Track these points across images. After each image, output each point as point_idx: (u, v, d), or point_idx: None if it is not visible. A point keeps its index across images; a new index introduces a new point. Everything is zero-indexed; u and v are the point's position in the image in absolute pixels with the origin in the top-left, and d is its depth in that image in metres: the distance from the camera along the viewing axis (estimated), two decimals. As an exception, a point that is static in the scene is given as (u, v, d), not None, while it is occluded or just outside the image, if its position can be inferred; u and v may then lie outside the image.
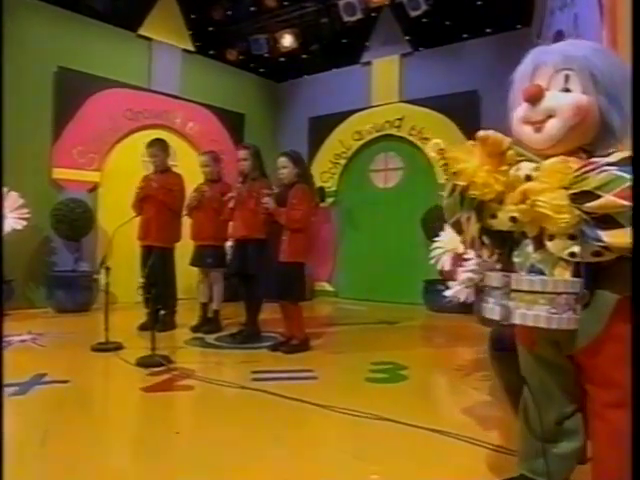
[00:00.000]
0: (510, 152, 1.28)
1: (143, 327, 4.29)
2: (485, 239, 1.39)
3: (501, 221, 1.31)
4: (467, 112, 6.11)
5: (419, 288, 6.06)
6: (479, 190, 1.29)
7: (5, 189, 4.87)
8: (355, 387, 2.89)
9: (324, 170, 7.18)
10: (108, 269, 3.74)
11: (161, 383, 2.85)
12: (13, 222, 4.88)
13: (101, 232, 5.89)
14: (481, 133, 1.28)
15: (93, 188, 5.94)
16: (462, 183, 1.32)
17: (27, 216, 5.00)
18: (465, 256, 3.44)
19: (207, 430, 2.20)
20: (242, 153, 4.01)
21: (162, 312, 4.28)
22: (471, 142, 1.39)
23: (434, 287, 5.90)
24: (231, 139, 7.13)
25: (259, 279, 3.80)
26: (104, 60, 6.03)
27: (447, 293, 2.69)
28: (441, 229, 4.58)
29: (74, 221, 5.40)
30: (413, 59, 6.71)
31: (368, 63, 7.04)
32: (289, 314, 3.74)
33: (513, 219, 1.28)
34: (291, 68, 7.57)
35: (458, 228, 1.42)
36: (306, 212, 3.59)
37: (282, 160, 3.68)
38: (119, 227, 3.96)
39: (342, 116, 7.14)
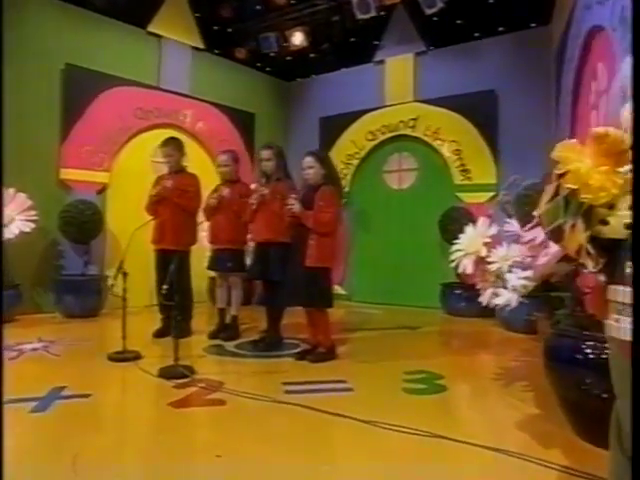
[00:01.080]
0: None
1: (158, 334, 4.14)
2: (590, 248, 1.24)
3: (614, 228, 1.17)
4: (484, 112, 6.00)
5: (436, 291, 5.92)
6: (593, 194, 1.15)
7: (12, 190, 4.70)
8: (394, 399, 2.74)
9: (336, 171, 7.02)
10: (125, 274, 3.57)
11: (189, 397, 2.69)
12: (21, 224, 4.69)
13: (110, 235, 5.72)
14: (599, 130, 1.14)
15: (102, 189, 5.74)
16: (572, 186, 1.18)
17: (35, 218, 4.81)
18: (488, 259, 3.30)
19: (249, 451, 2.03)
20: (265, 153, 3.85)
21: (177, 318, 4.10)
22: (573, 140, 1.26)
23: (451, 290, 5.78)
24: (241, 139, 6.99)
25: (282, 284, 3.64)
26: (113, 57, 5.84)
27: (498, 301, 2.53)
28: (460, 231, 4.44)
29: (83, 223, 5.20)
30: (428, 58, 6.56)
31: (381, 62, 6.89)
32: (316, 321, 3.58)
33: (629, 226, 1.14)
34: (301, 67, 7.42)
35: (558, 236, 1.28)
36: (334, 215, 3.44)
37: (308, 160, 3.52)
38: (136, 230, 3.81)
39: (354, 116, 6.99)
